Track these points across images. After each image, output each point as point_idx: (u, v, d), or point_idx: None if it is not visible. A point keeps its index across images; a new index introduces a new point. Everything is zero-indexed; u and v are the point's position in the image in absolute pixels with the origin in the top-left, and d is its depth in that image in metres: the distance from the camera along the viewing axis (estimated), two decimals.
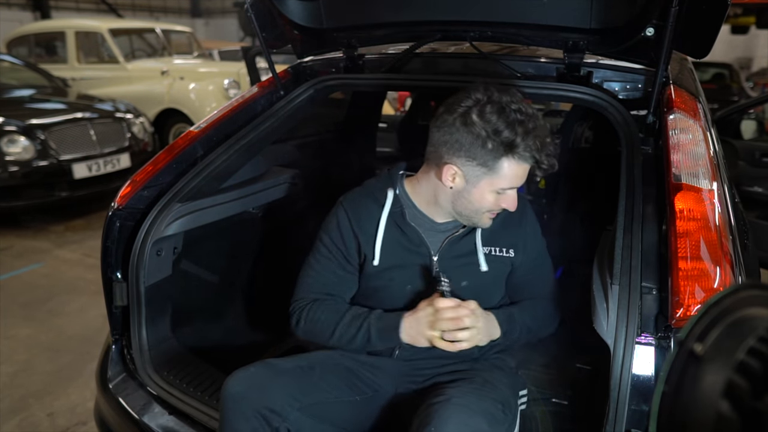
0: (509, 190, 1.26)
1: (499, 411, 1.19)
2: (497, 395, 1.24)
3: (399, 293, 1.36)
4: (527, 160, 1.22)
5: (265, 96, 1.86)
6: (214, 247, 1.89)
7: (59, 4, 17.08)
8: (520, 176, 1.24)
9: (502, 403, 1.23)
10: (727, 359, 0.41)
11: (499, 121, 1.18)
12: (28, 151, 4.50)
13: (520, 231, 1.40)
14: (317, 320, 1.34)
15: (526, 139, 1.18)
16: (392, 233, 1.35)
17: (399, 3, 1.60)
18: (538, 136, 1.20)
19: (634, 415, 1.04)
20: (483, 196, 1.26)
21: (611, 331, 1.08)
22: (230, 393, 1.19)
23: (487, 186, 1.24)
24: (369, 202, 1.38)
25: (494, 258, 1.37)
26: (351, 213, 1.37)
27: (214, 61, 8.22)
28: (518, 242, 1.39)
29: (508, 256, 1.38)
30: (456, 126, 1.20)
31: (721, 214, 1.10)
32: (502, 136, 1.18)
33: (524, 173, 1.24)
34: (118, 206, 1.56)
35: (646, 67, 1.48)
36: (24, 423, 2.30)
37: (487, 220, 1.31)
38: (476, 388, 1.22)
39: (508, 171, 1.22)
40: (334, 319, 1.33)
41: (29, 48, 7.41)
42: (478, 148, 1.19)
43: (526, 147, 1.19)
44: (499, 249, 1.38)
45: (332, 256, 1.39)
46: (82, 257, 4.12)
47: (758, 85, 10.73)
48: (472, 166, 1.22)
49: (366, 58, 1.84)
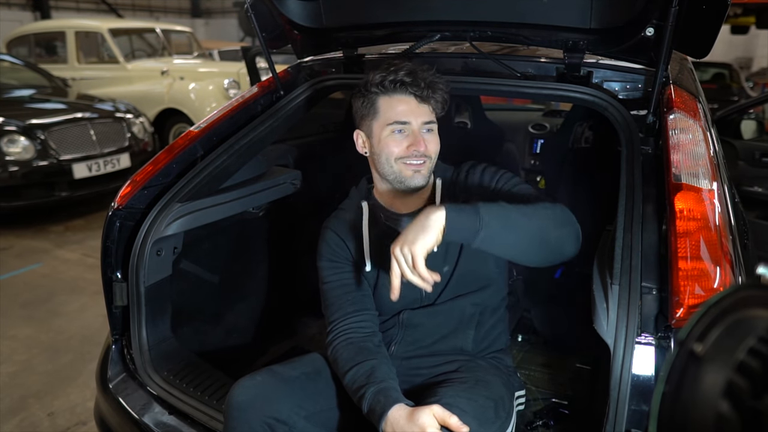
0: (402, 126, 1.29)
1: (491, 410, 1.18)
2: (489, 393, 1.23)
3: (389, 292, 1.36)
4: (398, 90, 1.28)
5: (265, 96, 1.86)
6: (214, 247, 1.89)
7: (59, 4, 17.08)
8: (402, 110, 1.28)
9: (495, 401, 1.22)
10: (727, 359, 0.41)
11: (371, 74, 1.31)
12: (28, 151, 4.51)
13: (477, 187, 1.36)
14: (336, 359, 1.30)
15: (392, 74, 1.28)
16: (376, 239, 1.38)
17: (399, 3, 1.60)
18: (407, 70, 1.28)
19: (634, 415, 1.04)
20: (381, 141, 1.31)
21: (611, 331, 1.08)
22: (236, 401, 1.19)
23: (379, 129, 1.31)
24: (349, 217, 1.44)
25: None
26: (338, 230, 1.43)
27: (214, 61, 8.22)
28: (473, 194, 1.34)
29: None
30: (352, 102, 1.38)
31: (721, 214, 1.10)
32: (371, 80, 1.30)
33: (406, 106, 1.29)
34: (118, 206, 1.56)
35: (646, 67, 1.48)
36: (24, 423, 2.30)
37: (410, 172, 1.30)
38: (468, 387, 1.22)
39: (386, 105, 1.30)
40: (346, 367, 1.26)
41: (29, 48, 7.42)
42: (360, 103, 1.33)
43: (393, 80, 1.27)
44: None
45: (336, 269, 1.41)
46: (82, 257, 4.12)
47: (758, 85, 10.71)
48: (365, 122, 1.34)
49: (366, 58, 1.84)
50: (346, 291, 1.38)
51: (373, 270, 1.38)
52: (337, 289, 1.39)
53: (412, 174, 1.30)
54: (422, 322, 1.38)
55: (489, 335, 1.41)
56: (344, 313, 1.35)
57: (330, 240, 1.42)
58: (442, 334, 1.38)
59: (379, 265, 1.37)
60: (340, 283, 1.39)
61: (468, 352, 1.38)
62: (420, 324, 1.38)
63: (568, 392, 1.78)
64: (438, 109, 1.33)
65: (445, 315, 1.37)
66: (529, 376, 1.88)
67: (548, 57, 1.63)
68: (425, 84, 1.28)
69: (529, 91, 1.59)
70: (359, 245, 1.39)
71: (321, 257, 1.42)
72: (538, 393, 1.79)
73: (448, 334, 1.38)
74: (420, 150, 1.28)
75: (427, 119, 1.30)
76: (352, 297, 1.37)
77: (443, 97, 1.32)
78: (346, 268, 1.40)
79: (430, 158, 1.31)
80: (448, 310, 1.37)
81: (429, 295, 1.35)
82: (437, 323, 1.37)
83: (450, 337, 1.38)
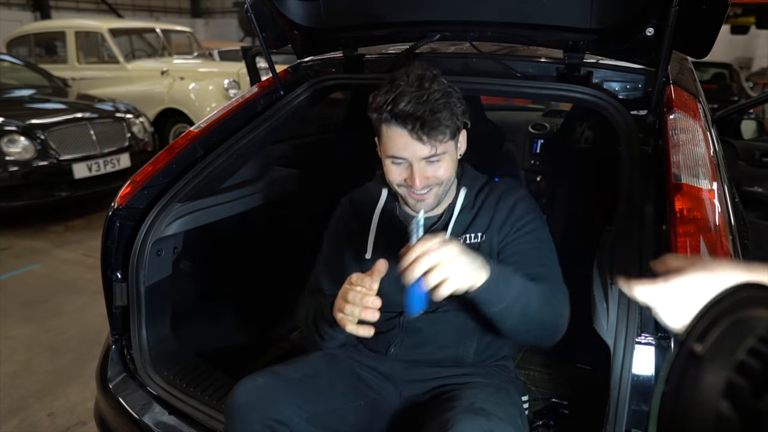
0: (400, 160, 1.20)
1: (518, 417, 1.19)
2: (512, 400, 1.23)
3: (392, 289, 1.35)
4: (391, 124, 1.18)
5: (265, 96, 1.86)
6: (214, 247, 1.89)
7: (59, 4, 17.09)
8: (399, 145, 1.18)
9: (518, 408, 1.23)
10: (727, 359, 0.41)
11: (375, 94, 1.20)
12: (28, 151, 4.50)
13: (495, 214, 1.30)
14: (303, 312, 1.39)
15: (390, 104, 1.15)
16: (384, 229, 1.37)
17: (399, 3, 1.60)
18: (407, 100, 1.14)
19: (634, 415, 1.04)
20: (385, 165, 1.25)
21: (611, 331, 1.08)
22: (237, 403, 1.19)
23: (382, 154, 1.25)
24: (365, 198, 1.43)
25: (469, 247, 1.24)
26: (349, 208, 1.43)
27: (214, 61, 8.23)
28: (491, 225, 1.30)
29: (475, 242, 1.30)
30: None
31: (721, 214, 1.10)
32: (373, 102, 1.20)
33: (404, 141, 1.17)
34: (118, 206, 1.56)
35: (646, 67, 1.48)
36: (24, 423, 2.30)
37: (413, 201, 1.25)
38: (493, 393, 1.21)
39: (386, 134, 1.21)
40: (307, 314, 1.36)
41: (29, 48, 7.42)
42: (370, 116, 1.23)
43: (391, 112, 1.16)
44: (474, 236, 1.30)
45: (332, 248, 1.43)
46: (81, 257, 4.12)
47: (758, 85, 10.71)
48: (376, 137, 1.26)
49: (366, 58, 1.84)
50: (331, 270, 1.41)
51: (372, 259, 1.33)
52: (326, 265, 1.42)
53: (416, 202, 1.26)
54: (422, 327, 1.34)
55: (492, 345, 1.38)
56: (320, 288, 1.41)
57: (338, 218, 1.43)
58: (443, 343, 1.35)
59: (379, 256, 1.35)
60: (329, 261, 1.42)
61: (469, 362, 1.35)
62: (420, 329, 1.34)
63: (568, 392, 1.78)
64: (446, 138, 1.19)
65: (446, 324, 1.33)
66: (529, 376, 1.88)
67: (548, 57, 1.63)
68: (424, 121, 1.14)
69: (529, 91, 1.59)
70: (365, 231, 1.37)
71: (327, 230, 1.46)
72: (538, 393, 1.79)
73: (449, 344, 1.35)
74: (416, 187, 1.22)
75: (427, 154, 1.19)
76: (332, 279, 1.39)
77: (452, 123, 1.19)
78: (342, 248, 1.41)
79: (437, 185, 1.24)
80: (449, 320, 1.33)
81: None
82: (437, 330, 1.34)
83: (451, 346, 1.35)
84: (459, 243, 1.03)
